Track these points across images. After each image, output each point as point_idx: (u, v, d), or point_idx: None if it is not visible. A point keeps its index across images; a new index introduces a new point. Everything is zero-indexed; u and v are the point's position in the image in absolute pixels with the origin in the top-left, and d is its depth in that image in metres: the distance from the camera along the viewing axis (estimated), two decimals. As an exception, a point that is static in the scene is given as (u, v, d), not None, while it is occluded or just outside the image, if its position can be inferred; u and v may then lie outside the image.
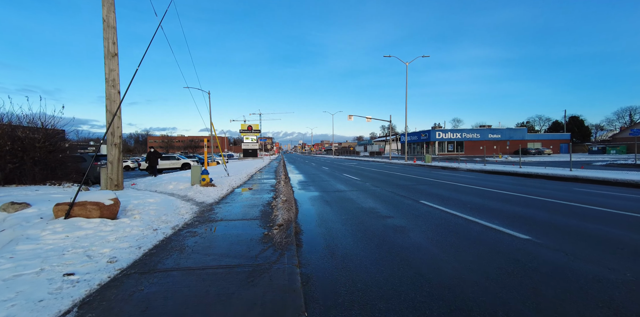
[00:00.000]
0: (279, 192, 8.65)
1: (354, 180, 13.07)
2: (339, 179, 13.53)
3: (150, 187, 11.36)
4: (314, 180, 13.52)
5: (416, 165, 25.75)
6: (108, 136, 9.14)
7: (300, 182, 12.54)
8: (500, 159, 38.39)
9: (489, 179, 12.61)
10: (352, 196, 8.41)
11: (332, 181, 12.76)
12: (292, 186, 10.98)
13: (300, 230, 4.79)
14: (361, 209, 6.50)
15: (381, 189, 9.86)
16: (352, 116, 38.27)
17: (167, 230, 4.37)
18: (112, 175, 9.06)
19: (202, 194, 8.37)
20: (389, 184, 11.30)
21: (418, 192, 8.98)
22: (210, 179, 9.92)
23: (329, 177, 14.64)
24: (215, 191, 8.87)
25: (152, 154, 15.50)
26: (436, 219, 5.39)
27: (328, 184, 11.78)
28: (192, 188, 9.50)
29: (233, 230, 4.51)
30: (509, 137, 58.28)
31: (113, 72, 9.09)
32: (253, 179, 13.54)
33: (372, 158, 48.69)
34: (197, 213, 5.81)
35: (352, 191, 9.42)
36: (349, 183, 11.83)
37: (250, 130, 64.91)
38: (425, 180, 12.51)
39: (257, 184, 11.58)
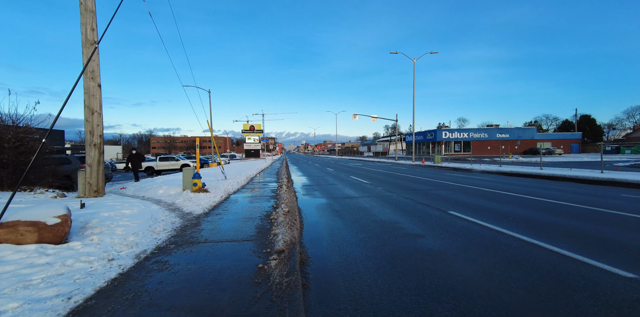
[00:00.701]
0: (280, 199, 7.50)
1: (364, 183, 11.88)
2: (346, 182, 12.35)
3: (139, 192, 10.30)
4: (319, 183, 12.35)
5: (425, 166, 24.48)
6: (86, 135, 8.04)
7: (304, 186, 11.38)
8: (510, 160, 36.97)
9: (513, 183, 11.35)
10: (366, 204, 7.23)
11: (339, 185, 11.58)
12: (295, 191, 9.81)
13: (307, 257, 3.62)
14: (380, 223, 5.31)
15: (397, 195, 8.66)
16: (357, 115, 37.04)
17: (128, 260, 3.22)
18: (90, 179, 7.96)
19: (191, 202, 7.24)
20: (404, 188, 10.09)
21: (441, 199, 7.77)
22: (203, 183, 8.79)
23: (335, 180, 13.46)
24: (207, 198, 7.74)
25: (134, 157, 13.64)
26: (481, 240, 4.19)
27: (335, 188, 10.60)
28: (182, 194, 8.38)
29: (216, 260, 3.35)
30: (518, 137, 56.72)
31: (92, 62, 7.99)
32: (252, 183, 12.40)
33: (377, 158, 47.41)
34: (178, 230, 4.66)
35: (364, 198, 8.24)
36: (359, 187, 10.64)
37: (252, 131, 63.91)
38: (443, 184, 11.28)
39: (257, 188, 10.44)
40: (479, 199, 7.60)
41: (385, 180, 13.14)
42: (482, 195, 8.33)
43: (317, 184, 12.23)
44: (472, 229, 4.79)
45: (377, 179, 13.50)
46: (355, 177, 14.67)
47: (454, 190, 9.46)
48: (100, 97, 8.18)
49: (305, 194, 9.29)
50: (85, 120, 8.00)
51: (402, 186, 10.87)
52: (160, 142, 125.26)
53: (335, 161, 40.30)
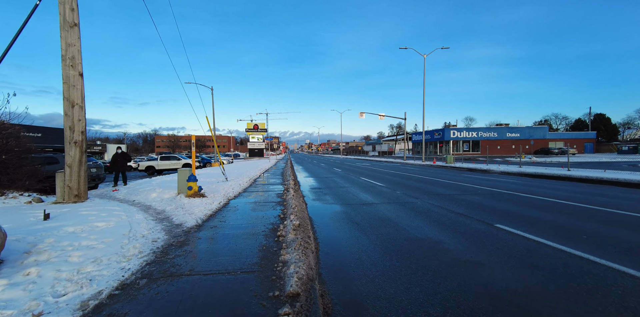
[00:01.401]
0: (288, 206, 6.40)
1: (378, 186, 10.73)
2: (358, 185, 11.21)
3: (131, 195, 9.28)
4: (329, 186, 11.23)
5: (437, 167, 23.22)
6: (65, 132, 7.01)
7: (313, 190, 10.26)
8: (524, 160, 35.47)
9: (544, 186, 10.12)
10: (389, 214, 6.09)
11: (351, 188, 10.45)
12: (303, 196, 8.71)
13: (332, 304, 2.50)
14: (417, 242, 4.18)
15: (421, 201, 7.51)
16: (364, 113, 35.83)
17: (64, 316, 2.13)
18: (70, 182, 6.94)
19: (184, 209, 6.17)
20: (426, 193, 8.93)
21: (476, 207, 6.60)
22: (200, 187, 7.72)
23: (345, 182, 12.33)
24: (203, 204, 6.66)
25: (119, 157, 11.85)
26: (573, 274, 3.04)
27: (347, 192, 9.47)
28: (175, 199, 7.33)
29: (200, 313, 2.25)
30: (529, 136, 55.03)
31: (72, 47, 6.95)
32: (256, 185, 11.32)
33: (383, 158, 46.14)
34: (158, 253, 3.57)
35: (384, 205, 7.10)
36: (374, 191, 9.50)
37: (256, 130, 63.02)
38: (467, 187, 10.09)
39: (261, 191, 9.35)
40: (522, 207, 6.42)
41: (401, 182, 11.97)
42: (521, 202, 7.14)
43: (326, 186, 11.11)
44: (546, 253, 3.63)
45: (392, 181, 12.34)
46: (367, 179, 13.52)
47: (484, 195, 8.27)
48: (82, 88, 7.15)
49: (316, 199, 8.17)
50: (64, 114, 6.97)
51: (423, 189, 9.70)
52: (164, 141, 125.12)
53: (341, 161, 39.15)
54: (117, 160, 11.81)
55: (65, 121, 6.95)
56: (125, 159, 11.97)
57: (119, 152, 11.99)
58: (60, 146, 39.97)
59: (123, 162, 11.88)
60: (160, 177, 14.71)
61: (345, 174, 16.54)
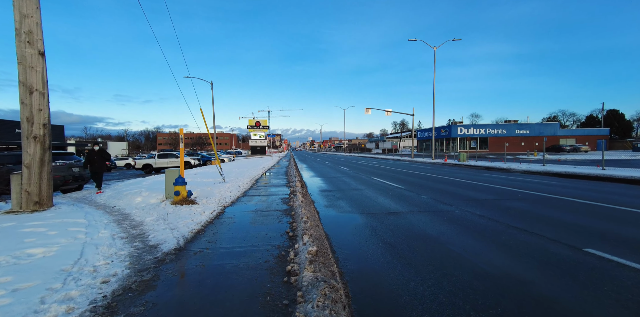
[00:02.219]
0: (297, 217, 5.07)
1: (397, 189, 9.37)
2: (373, 187, 9.85)
3: (113, 199, 8.04)
4: (340, 187, 9.88)
5: (450, 165, 21.80)
6: (23, 124, 5.69)
7: (323, 193, 8.92)
8: (536, 157, 33.95)
9: (592, 188, 8.71)
10: (427, 228, 4.74)
11: (366, 190, 9.10)
12: (313, 201, 7.37)
13: None
14: (491, 279, 2.83)
15: (459, 209, 6.15)
16: (370, 109, 34.35)
17: None
18: (29, 187, 5.64)
19: (166, 222, 4.86)
20: (458, 197, 7.56)
21: (534, 219, 5.24)
22: (189, 192, 6.38)
23: (357, 183, 10.98)
24: (191, 214, 5.35)
25: (95, 155, 9.50)
26: None
27: (363, 195, 8.13)
28: (159, 207, 6.03)
29: None
30: (539, 133, 53.43)
31: (28, 19, 5.60)
32: (257, 187, 9.99)
33: (389, 156, 44.71)
34: (101, 310, 2.26)
35: (414, 214, 5.75)
36: (394, 195, 8.14)
37: (258, 127, 61.76)
38: (502, 190, 8.71)
39: (263, 195, 8.02)
40: (599, 221, 5.04)
41: (420, 183, 10.60)
42: (589, 211, 5.76)
43: (337, 188, 9.77)
44: None
45: (409, 182, 10.97)
46: (380, 179, 12.16)
47: (530, 201, 6.90)
48: (43, 70, 5.81)
49: (328, 205, 6.82)
50: (20, 102, 5.65)
51: (451, 193, 8.34)
52: (166, 139, 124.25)
53: (345, 159, 37.79)
54: (92, 159, 9.51)
55: (22, 111, 5.64)
56: (103, 157, 9.73)
57: (95, 149, 9.64)
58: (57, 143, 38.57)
59: (101, 161, 9.69)
60: (153, 177, 13.44)
61: (354, 174, 15.19)
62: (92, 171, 9.59)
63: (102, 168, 9.77)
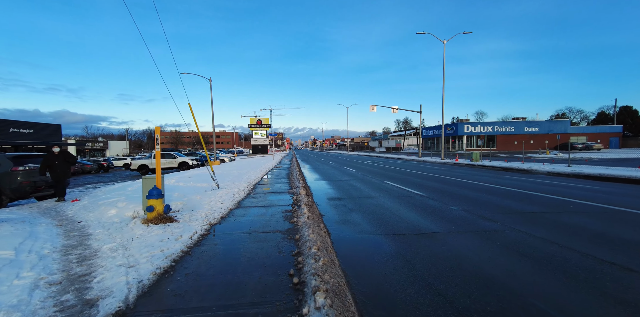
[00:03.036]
0: (303, 246, 3.77)
1: (417, 196, 8.05)
2: (388, 193, 8.54)
3: (85, 210, 6.85)
4: (351, 194, 8.57)
5: (463, 165, 20.43)
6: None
7: (332, 201, 7.62)
8: (548, 156, 32.45)
9: None
10: (478, 259, 3.42)
11: (381, 198, 7.79)
12: (321, 214, 6.07)
13: None
14: None
15: (506, 227, 4.82)
16: (375, 106, 32.99)
17: None
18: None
19: (127, 252, 3.59)
20: (497, 209, 6.23)
21: (623, 245, 3.92)
22: (166, 207, 5.07)
23: (369, 188, 9.67)
24: (163, 240, 4.07)
25: (55, 158, 7.84)
26: None
27: (380, 206, 6.81)
28: (128, 226, 4.76)
29: None
30: (548, 131, 51.77)
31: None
32: (256, 194, 8.70)
33: (395, 155, 43.30)
34: None
35: (453, 235, 4.43)
36: (418, 205, 6.83)
37: (259, 125, 60.47)
38: (547, 199, 7.36)
39: (261, 206, 6.73)
40: None
41: (441, 189, 9.28)
42: (676, 232, 4.43)
43: (347, 195, 8.46)
44: None
45: (428, 187, 9.65)
46: (393, 183, 10.84)
47: (592, 215, 5.56)
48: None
49: (341, 221, 5.52)
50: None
51: (484, 202, 7.01)
52: (167, 138, 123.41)
53: (349, 158, 36.48)
54: (53, 164, 7.76)
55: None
56: (67, 161, 8.00)
57: (54, 151, 7.86)
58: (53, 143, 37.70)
59: (63, 166, 7.89)
60: (140, 181, 12.20)
61: (362, 176, 13.88)
62: (54, 178, 7.89)
63: (65, 174, 8.07)
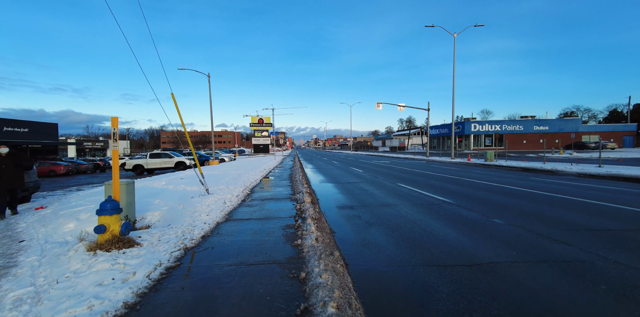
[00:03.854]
0: (313, 296, 2.45)
1: (446, 205, 6.69)
2: (408, 200, 7.18)
3: (41, 224, 5.61)
4: (364, 201, 7.22)
5: (478, 165, 19.00)
6: None
7: (342, 211, 6.28)
8: (562, 155, 30.91)
9: None
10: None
11: (402, 207, 6.44)
12: (332, 231, 4.74)
13: None
14: None
15: (592, 254, 3.45)
16: (381, 104, 31.59)
17: None
18: None
19: (38, 306, 2.27)
20: (554, 224, 4.85)
21: None
22: (124, 226, 3.72)
23: (383, 193, 8.33)
24: (107, 279, 2.75)
25: (2, 162, 6.19)
26: None
27: (402, 217, 5.47)
28: (69, 253, 3.45)
29: None
30: (559, 129, 50.08)
31: None
32: (251, 202, 7.37)
33: (400, 154, 41.84)
34: None
35: (521, 267, 3.08)
36: (451, 218, 5.47)
37: (261, 124, 59.24)
38: (608, 209, 5.98)
39: (255, 220, 5.39)
40: None
41: (468, 194, 7.91)
42: None
43: (360, 203, 7.11)
44: None
45: (452, 192, 8.28)
46: (410, 186, 9.48)
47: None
48: None
49: (360, 243, 4.17)
50: None
51: (534, 214, 5.64)
52: (169, 137, 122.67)
53: (354, 158, 35.11)
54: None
55: None
56: (18, 165, 6.37)
57: (1, 153, 6.21)
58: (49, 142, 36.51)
59: (12, 171, 6.26)
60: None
61: (372, 178, 12.52)
62: (1, 186, 6.13)
63: (16, 182, 6.39)
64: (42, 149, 36.87)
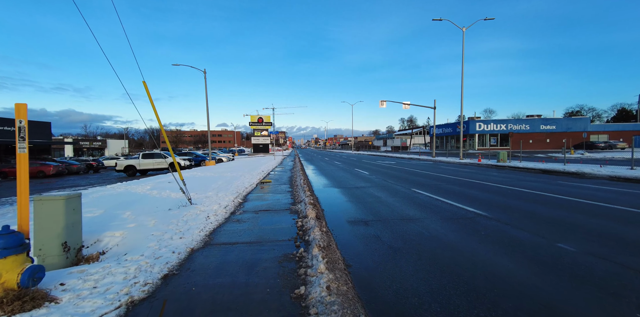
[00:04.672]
0: None
1: (482, 218, 5.39)
2: (431, 211, 5.89)
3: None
4: (380, 214, 5.93)
5: (491, 167, 17.68)
6: None
7: (356, 228, 4.98)
8: (574, 156, 29.61)
9: None
10: None
11: (429, 221, 5.15)
12: (347, 265, 3.46)
13: None
14: None
15: None
16: (385, 102, 30.29)
17: None
18: None
19: None
20: (623, 246, 3.58)
21: None
22: (28, 273, 2.40)
23: (400, 202, 7.04)
24: None
25: None
26: None
27: (433, 236, 4.18)
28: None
29: None
30: (567, 129, 48.75)
31: None
32: (242, 216, 6.06)
33: (405, 154, 40.53)
34: None
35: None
36: (496, 238, 4.17)
37: (260, 123, 57.97)
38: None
39: (245, 243, 4.09)
40: None
41: (500, 203, 6.62)
42: None
43: (376, 216, 5.81)
44: None
45: (479, 201, 6.99)
46: (428, 193, 8.19)
47: None
48: None
49: (390, 287, 2.87)
50: None
51: (606, 234, 4.35)
52: (169, 137, 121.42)
53: (357, 158, 33.82)
54: None
55: None
56: None
57: None
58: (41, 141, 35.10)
59: None
60: (116, 186, 9.61)
61: (381, 181, 11.22)
62: None
63: None
64: (34, 149, 35.62)
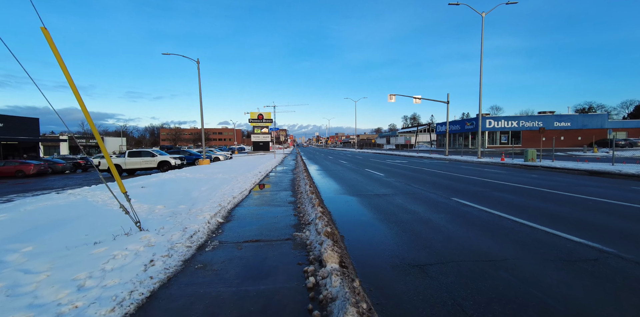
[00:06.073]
0: None
1: (606, 257, 3.17)
2: (510, 239, 3.66)
3: None
4: (433, 246, 3.70)
5: (518, 167, 15.37)
6: None
7: (409, 281, 2.76)
8: (597, 154, 27.24)
9: None
10: None
11: (522, 265, 2.92)
12: None
13: None
14: None
15: None
16: (394, 96, 27.98)
17: None
18: None
19: None
20: None
21: None
22: None
23: (451, 221, 4.82)
24: None
25: None
26: None
27: (567, 313, 1.99)
28: None
29: None
30: (582, 126, 46.30)
31: None
32: (212, 257, 3.81)
33: (413, 153, 38.18)
34: None
35: None
36: None
37: (260, 120, 55.62)
38: None
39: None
40: None
41: (610, 227, 4.38)
42: None
43: (432, 253, 3.59)
44: None
45: (566, 220, 4.75)
46: (481, 206, 5.96)
47: None
48: None
49: None
50: None
51: None
52: (168, 134, 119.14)
53: (363, 157, 31.54)
54: None
55: None
56: None
57: None
58: (27, 138, 32.73)
59: None
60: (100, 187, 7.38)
61: (405, 186, 8.97)
62: None
63: None
64: (18, 146, 33.47)
